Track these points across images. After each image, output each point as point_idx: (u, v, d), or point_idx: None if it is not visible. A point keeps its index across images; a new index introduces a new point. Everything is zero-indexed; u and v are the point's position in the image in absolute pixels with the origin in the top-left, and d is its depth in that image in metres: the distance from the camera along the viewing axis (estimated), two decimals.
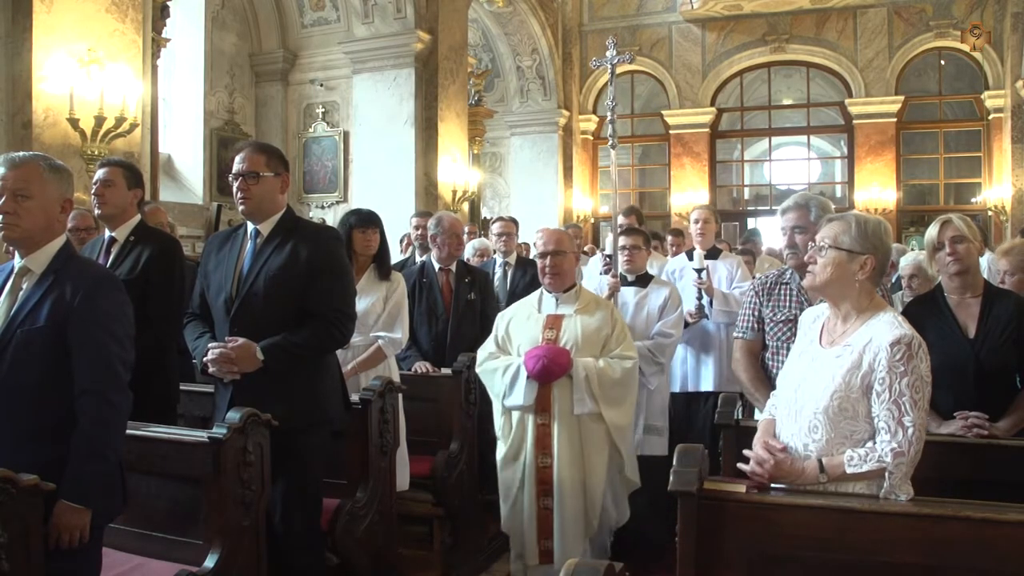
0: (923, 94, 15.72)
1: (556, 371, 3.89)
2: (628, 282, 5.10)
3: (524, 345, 4.03)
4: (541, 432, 3.96)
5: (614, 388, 3.94)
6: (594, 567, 1.49)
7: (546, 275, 4.09)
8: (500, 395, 4.02)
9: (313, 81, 11.52)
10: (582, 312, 4.06)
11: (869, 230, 2.52)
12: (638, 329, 4.87)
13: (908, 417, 2.34)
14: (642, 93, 17.21)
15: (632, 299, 5.04)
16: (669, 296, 4.99)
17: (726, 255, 6.03)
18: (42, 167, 2.66)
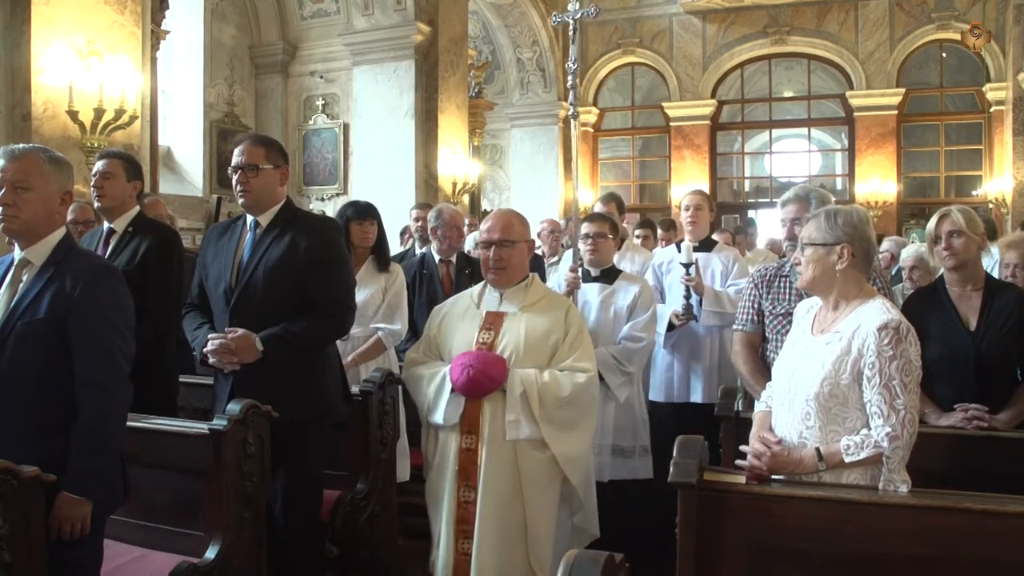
0: (924, 86, 15.68)
1: (486, 384, 3.12)
2: (592, 277, 4.46)
3: (456, 348, 3.27)
4: (465, 459, 3.16)
5: (562, 408, 3.13)
6: (594, 558, 1.50)
7: (489, 270, 3.32)
8: (425, 409, 3.28)
9: (313, 73, 11.50)
10: (529, 311, 3.29)
11: (840, 220, 2.56)
12: (603, 332, 4.27)
13: (899, 400, 2.36)
14: (642, 85, 17.17)
15: (596, 297, 4.39)
16: (640, 294, 4.33)
17: (722, 248, 5.32)
18: (42, 159, 2.66)
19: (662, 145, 16.93)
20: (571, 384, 3.14)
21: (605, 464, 4.21)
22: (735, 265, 5.08)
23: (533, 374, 3.14)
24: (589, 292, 4.42)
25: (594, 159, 17.22)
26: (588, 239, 4.45)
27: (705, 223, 5.18)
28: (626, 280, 4.45)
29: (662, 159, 16.86)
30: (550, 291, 3.49)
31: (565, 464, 3.17)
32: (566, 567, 1.50)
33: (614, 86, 17.29)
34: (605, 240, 4.45)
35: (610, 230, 4.51)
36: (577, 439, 3.21)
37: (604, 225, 4.51)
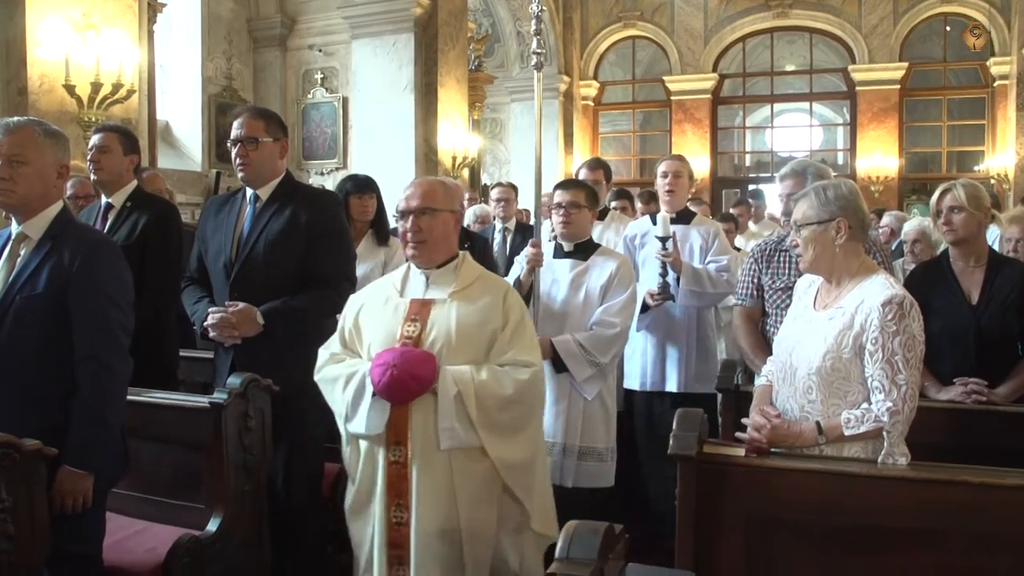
0: (927, 60, 15.58)
1: (412, 386, 2.63)
2: (564, 252, 3.96)
3: (377, 344, 2.77)
4: (394, 473, 2.69)
5: (504, 410, 2.68)
6: (594, 528, 1.50)
7: (408, 244, 2.82)
8: (343, 417, 2.78)
9: (312, 47, 11.41)
10: (460, 296, 2.79)
11: (830, 195, 2.55)
12: (574, 316, 3.80)
13: (901, 375, 2.36)
14: (643, 59, 17.06)
15: (567, 275, 3.87)
16: (617, 271, 3.80)
17: (702, 220, 4.80)
18: (37, 132, 2.64)
19: (663, 119, 16.86)
20: (513, 381, 2.68)
21: (569, 469, 3.75)
22: (715, 240, 4.57)
23: (468, 372, 2.66)
24: (559, 270, 3.93)
25: (594, 133, 17.14)
26: (560, 209, 3.92)
27: (684, 192, 4.69)
28: (603, 256, 3.92)
29: (663, 133, 16.79)
30: (485, 272, 2.97)
31: (507, 473, 2.71)
32: (566, 537, 1.51)
33: (615, 59, 17.18)
34: (580, 211, 3.91)
35: (586, 199, 3.94)
36: (522, 444, 2.76)
37: (579, 193, 3.95)
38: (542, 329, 3.70)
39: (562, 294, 3.87)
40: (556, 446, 3.73)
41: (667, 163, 4.64)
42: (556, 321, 3.82)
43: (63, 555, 2.51)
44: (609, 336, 3.72)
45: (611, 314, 3.74)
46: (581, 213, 3.91)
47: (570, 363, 3.69)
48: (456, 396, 2.63)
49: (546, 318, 3.82)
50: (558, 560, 1.49)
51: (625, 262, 3.94)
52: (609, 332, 3.72)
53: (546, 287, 3.89)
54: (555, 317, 3.84)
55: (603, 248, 4.03)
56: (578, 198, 3.92)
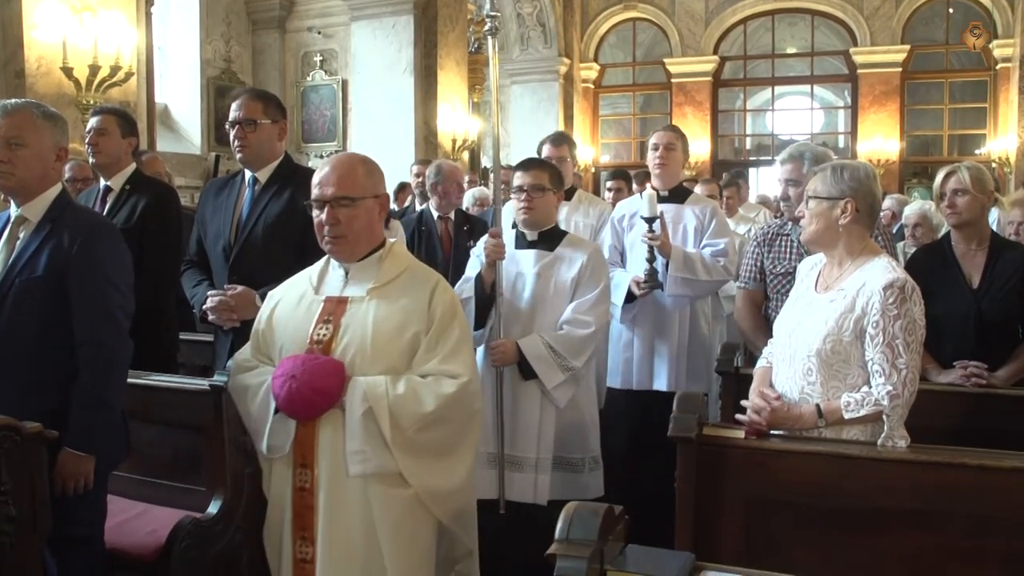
0: (930, 43, 15.50)
1: (317, 401, 2.27)
2: (527, 242, 3.53)
3: (287, 349, 2.42)
4: (300, 501, 2.34)
5: (426, 429, 2.30)
6: (593, 509, 1.50)
7: (324, 237, 2.43)
8: (253, 434, 2.47)
9: (311, 29, 11.36)
10: (381, 294, 2.40)
11: (845, 174, 2.54)
12: (542, 314, 3.40)
13: (902, 359, 2.36)
14: (644, 41, 16.98)
15: (532, 268, 3.46)
16: (588, 263, 3.41)
17: (698, 199, 4.36)
18: (35, 114, 2.63)
19: (663, 102, 16.80)
20: (435, 395, 2.30)
21: (544, 483, 3.36)
22: (713, 221, 4.14)
23: (383, 384, 2.28)
24: (523, 262, 3.49)
25: (594, 116, 17.08)
26: (521, 193, 3.46)
27: (677, 167, 4.25)
28: (571, 246, 3.50)
29: (663, 116, 16.71)
30: (415, 265, 2.54)
31: (435, 503, 2.35)
32: (566, 519, 1.51)
33: (615, 42, 17.10)
34: (543, 194, 3.45)
35: (550, 181, 3.48)
36: (450, 468, 2.38)
37: (542, 175, 3.47)
38: (507, 330, 3.38)
39: (528, 290, 3.44)
40: (527, 461, 3.35)
41: (658, 134, 4.23)
42: (522, 321, 3.42)
43: (65, 537, 2.52)
44: (582, 337, 3.32)
45: (583, 311, 3.34)
46: (545, 197, 3.45)
47: (539, 368, 3.29)
48: (366, 413, 2.26)
49: (511, 318, 3.41)
50: (558, 541, 1.49)
51: (596, 252, 3.54)
52: (582, 332, 3.32)
53: (509, 282, 3.45)
54: (521, 316, 3.43)
55: (571, 236, 3.59)
56: (541, 179, 3.45)
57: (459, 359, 2.37)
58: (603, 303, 3.44)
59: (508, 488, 3.36)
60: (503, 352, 3.31)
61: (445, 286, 2.48)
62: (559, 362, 3.30)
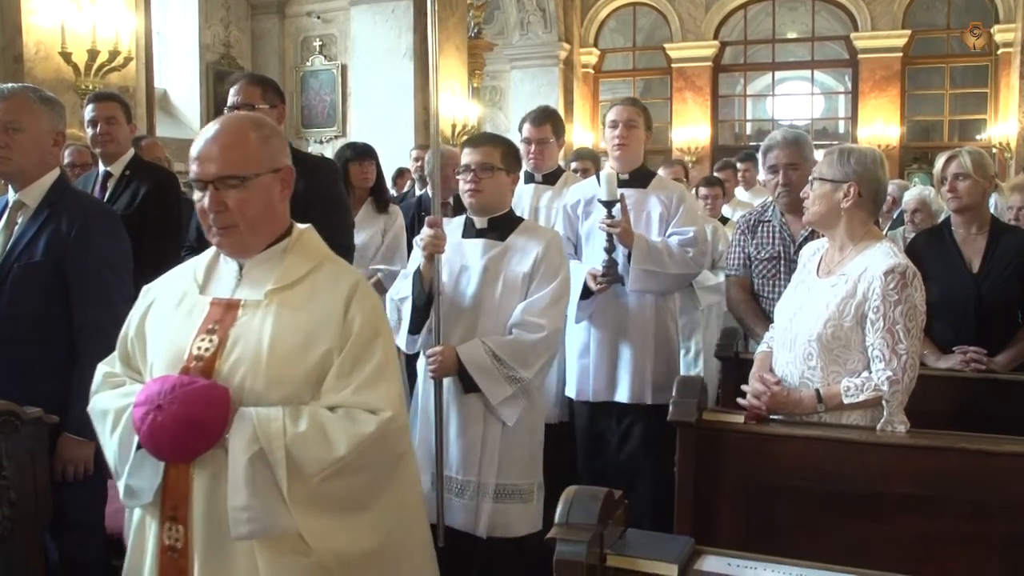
0: (931, 28, 15.43)
1: (190, 438, 1.75)
2: (476, 230, 3.04)
3: (160, 364, 1.89)
4: (168, 564, 1.84)
5: (333, 479, 1.78)
6: (593, 493, 1.51)
7: (209, 228, 1.88)
8: (114, 472, 1.92)
9: (310, 14, 11.31)
10: (282, 298, 1.87)
11: (852, 159, 2.54)
12: (489, 315, 2.92)
13: (902, 345, 2.36)
14: (644, 26, 16.90)
15: (479, 260, 2.98)
16: (544, 255, 2.94)
17: (664, 184, 3.82)
18: (32, 99, 2.62)
19: (663, 87, 16.74)
20: (348, 436, 1.77)
21: (484, 514, 2.90)
22: (680, 207, 3.66)
23: (279, 419, 1.76)
24: (469, 253, 3.01)
25: (594, 101, 17.02)
26: (468, 172, 2.98)
27: (639, 146, 3.73)
28: (526, 235, 3.01)
29: (663, 101, 16.67)
30: (329, 258, 1.98)
31: (344, 573, 1.81)
32: (566, 503, 1.51)
33: (615, 26, 17.02)
34: (492, 175, 2.97)
35: (502, 159, 3.00)
36: (366, 527, 1.85)
37: (492, 152, 2.98)
38: (447, 335, 2.92)
39: (473, 286, 2.95)
40: (468, 486, 2.89)
41: (617, 109, 3.70)
42: (465, 323, 2.94)
43: (65, 522, 2.53)
44: (532, 342, 2.84)
45: (535, 312, 2.87)
46: (495, 177, 2.96)
47: (482, 380, 2.81)
48: (255, 457, 1.73)
49: (452, 320, 2.94)
50: (557, 525, 1.50)
51: (554, 241, 3.02)
52: (532, 337, 2.85)
53: (452, 278, 2.98)
54: (464, 317, 2.95)
55: (527, 224, 3.12)
56: (491, 158, 2.96)
57: (380, 389, 1.82)
58: (559, 302, 2.94)
59: (448, 515, 2.91)
60: (442, 361, 2.84)
61: (367, 291, 1.92)
62: (505, 372, 2.81)
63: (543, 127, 4.12)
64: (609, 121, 3.71)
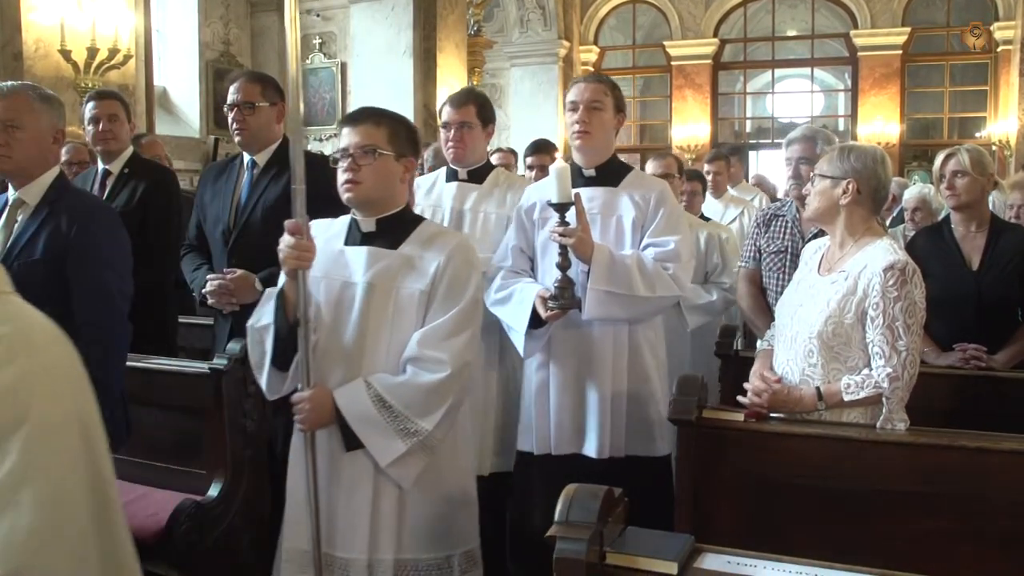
0: (931, 25, 15.43)
1: None
2: (362, 235, 2.39)
3: None
4: None
5: None
6: (593, 491, 1.51)
7: None
8: None
9: (310, 11, 11.29)
10: None
11: (852, 156, 2.54)
12: (376, 349, 2.29)
13: (902, 342, 2.37)
14: (643, 24, 16.88)
15: (363, 274, 2.33)
16: (445, 268, 2.30)
17: (640, 179, 3.13)
18: (31, 96, 2.62)
19: (663, 85, 16.72)
20: None
21: None
22: (660, 210, 2.98)
23: None
24: (353, 264, 2.36)
25: None
26: (346, 158, 2.37)
27: (606, 133, 3.02)
28: (424, 240, 2.36)
29: (663, 99, 16.66)
30: None
31: None
32: (566, 501, 1.51)
33: (615, 24, 17.01)
34: (375, 160, 2.35)
35: (389, 141, 2.38)
36: None
37: (375, 132, 2.38)
38: (324, 373, 2.28)
39: (356, 309, 2.30)
40: (355, 565, 2.27)
41: (578, 88, 3.02)
42: (347, 358, 2.29)
43: None
44: (431, 383, 2.21)
45: (433, 343, 2.23)
46: (379, 163, 2.32)
47: (366, 434, 2.20)
48: None
49: (330, 353, 2.30)
50: (558, 523, 1.50)
51: (460, 250, 2.34)
52: (430, 377, 2.21)
53: (330, 297, 2.33)
54: (345, 351, 2.29)
55: (427, 227, 2.42)
56: (373, 138, 2.33)
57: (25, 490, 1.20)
58: (465, 330, 2.27)
59: None
60: (311, 409, 2.21)
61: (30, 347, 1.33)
62: (397, 425, 2.19)
63: (465, 108, 3.32)
64: (568, 103, 3.02)
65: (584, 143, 3.01)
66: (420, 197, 3.41)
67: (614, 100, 3.03)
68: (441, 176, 3.50)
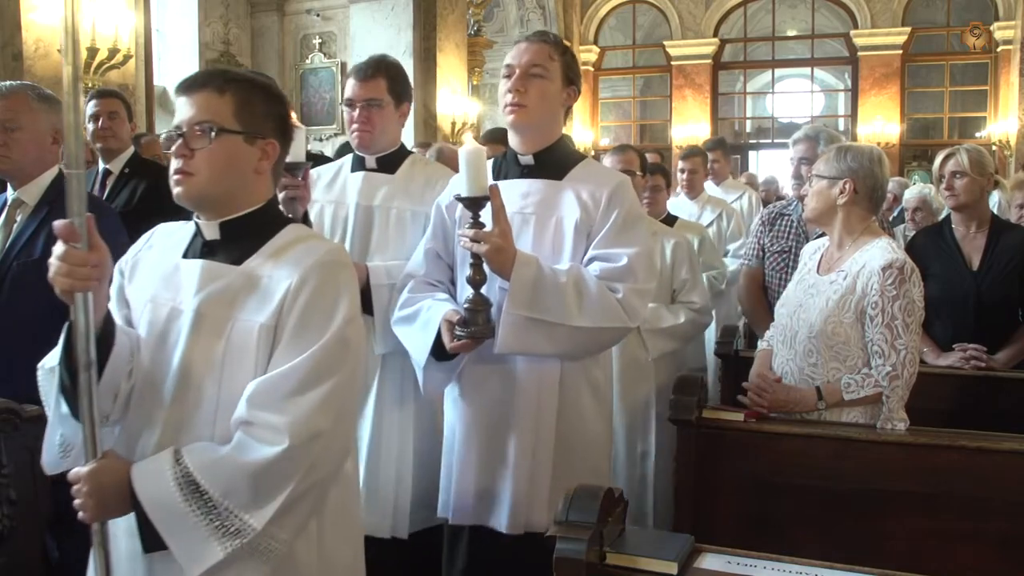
0: (931, 25, 15.43)
1: None
2: (203, 245, 1.78)
3: None
4: None
5: None
6: (592, 491, 1.51)
7: None
8: None
9: (310, 11, 11.30)
10: None
11: (848, 156, 2.55)
12: (208, 403, 1.64)
13: (901, 340, 2.37)
14: (644, 23, 16.89)
15: (192, 298, 1.70)
16: (296, 291, 1.63)
17: (593, 172, 2.39)
18: (30, 96, 2.63)
19: (663, 84, 16.73)
20: None
21: None
22: (612, 214, 2.27)
23: None
24: (185, 287, 1.70)
25: (594, 99, 17.01)
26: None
27: (548, 108, 2.33)
28: (278, 253, 1.70)
29: (663, 99, 16.68)
30: None
31: None
32: (565, 501, 1.51)
33: (615, 24, 17.02)
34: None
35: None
36: None
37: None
38: (136, 436, 1.69)
39: (180, 347, 1.66)
40: None
41: (516, 49, 2.35)
42: (166, 417, 1.66)
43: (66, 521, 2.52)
44: (260, 464, 1.54)
45: (267, 401, 1.57)
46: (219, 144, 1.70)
47: (169, 531, 1.54)
48: None
49: (146, 409, 1.69)
50: (557, 523, 1.50)
51: (326, 267, 1.66)
52: (259, 455, 1.55)
53: (156, 327, 1.72)
54: (163, 404, 1.66)
55: (291, 232, 1.75)
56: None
57: None
58: (318, 384, 1.58)
59: None
60: (91, 493, 1.59)
61: None
62: (211, 520, 1.53)
63: (373, 82, 2.71)
64: (504, 67, 2.35)
65: (519, 119, 2.30)
66: (319, 191, 2.75)
67: (563, 67, 2.35)
68: (346, 165, 2.83)
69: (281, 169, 1.81)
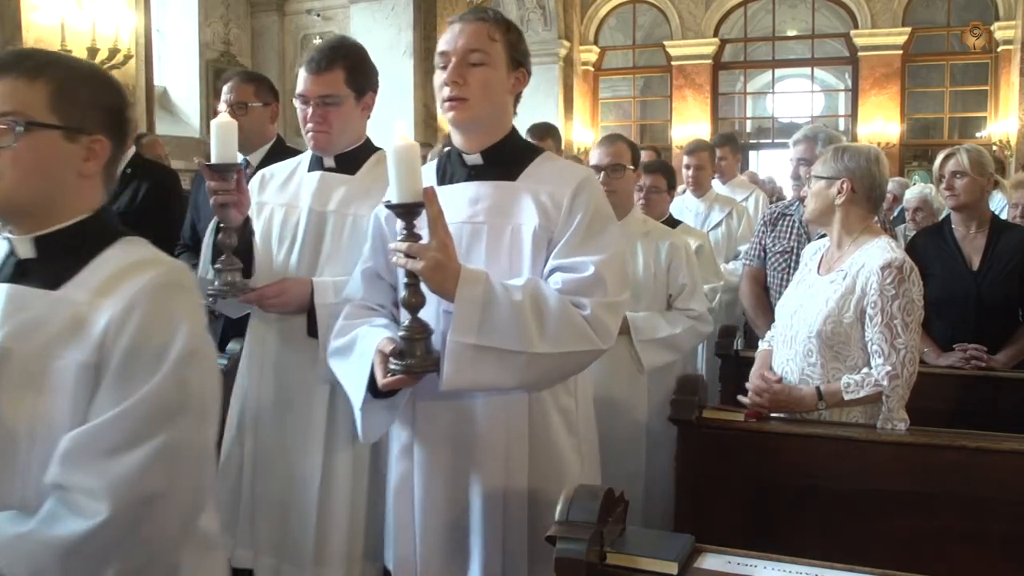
0: (931, 25, 15.43)
1: None
2: (14, 267, 1.45)
3: None
4: None
5: None
6: (592, 491, 1.51)
7: None
8: None
9: (310, 11, 11.31)
10: None
11: (845, 156, 2.56)
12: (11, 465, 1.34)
13: (900, 339, 2.37)
14: (644, 23, 16.89)
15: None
16: (117, 326, 1.33)
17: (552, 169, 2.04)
18: None
19: (663, 85, 16.72)
20: None
21: None
22: (576, 216, 1.95)
23: None
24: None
25: (594, 99, 17.01)
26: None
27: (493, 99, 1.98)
28: (96, 276, 1.40)
29: (663, 99, 16.66)
30: None
31: None
32: (566, 501, 1.51)
33: (615, 24, 17.01)
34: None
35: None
36: None
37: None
38: None
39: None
40: None
41: (450, 32, 1.99)
42: None
43: None
44: (71, 541, 1.26)
45: (83, 459, 1.28)
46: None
47: None
48: None
49: None
50: (557, 523, 1.50)
51: (153, 289, 1.39)
52: (70, 529, 1.26)
53: None
54: None
55: (121, 251, 1.46)
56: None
57: None
58: (147, 438, 1.30)
59: None
60: None
61: None
62: None
63: (328, 75, 2.33)
64: (437, 54, 1.99)
65: (460, 116, 1.95)
66: (272, 192, 2.51)
67: (507, 47, 1.99)
68: (304, 163, 2.52)
69: (115, 172, 1.51)
